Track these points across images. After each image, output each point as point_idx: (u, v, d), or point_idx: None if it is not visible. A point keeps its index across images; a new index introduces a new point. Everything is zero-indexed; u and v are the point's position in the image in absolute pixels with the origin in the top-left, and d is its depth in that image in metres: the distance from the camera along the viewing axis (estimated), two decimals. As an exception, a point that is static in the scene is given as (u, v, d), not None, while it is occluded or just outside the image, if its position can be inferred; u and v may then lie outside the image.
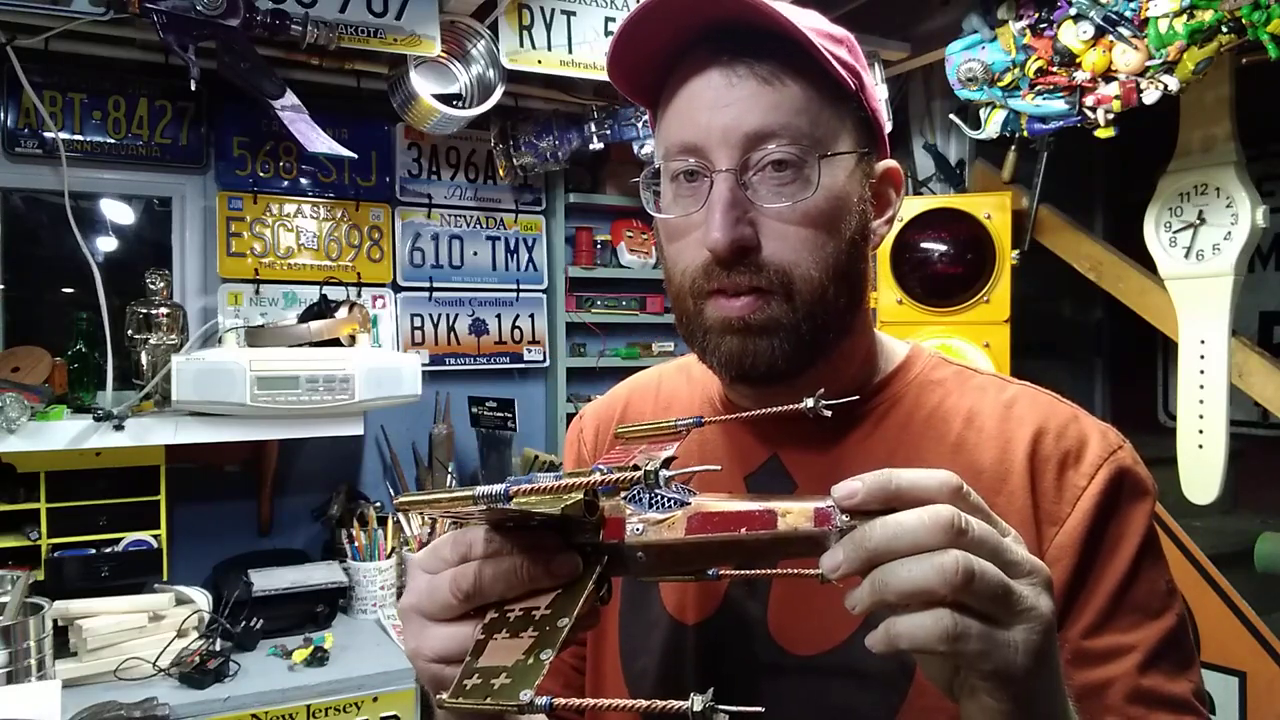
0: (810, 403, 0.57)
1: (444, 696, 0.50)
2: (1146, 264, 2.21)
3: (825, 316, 0.70)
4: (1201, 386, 2.05)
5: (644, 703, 0.44)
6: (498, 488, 0.52)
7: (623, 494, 0.56)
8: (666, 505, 0.54)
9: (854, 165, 0.72)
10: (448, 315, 2.75)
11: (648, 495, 0.54)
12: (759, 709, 0.43)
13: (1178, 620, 0.69)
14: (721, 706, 0.43)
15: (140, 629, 1.99)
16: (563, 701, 0.46)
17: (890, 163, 0.76)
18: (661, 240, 0.76)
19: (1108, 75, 1.94)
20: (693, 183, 0.70)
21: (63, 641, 1.93)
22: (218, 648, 2.03)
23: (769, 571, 0.52)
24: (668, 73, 0.73)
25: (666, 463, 0.53)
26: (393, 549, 2.44)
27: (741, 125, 0.67)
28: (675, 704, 0.43)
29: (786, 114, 0.68)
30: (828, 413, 0.57)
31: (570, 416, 2.12)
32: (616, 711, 0.64)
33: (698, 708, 0.43)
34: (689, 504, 0.53)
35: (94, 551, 2.10)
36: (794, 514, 0.50)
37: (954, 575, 0.46)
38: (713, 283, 0.69)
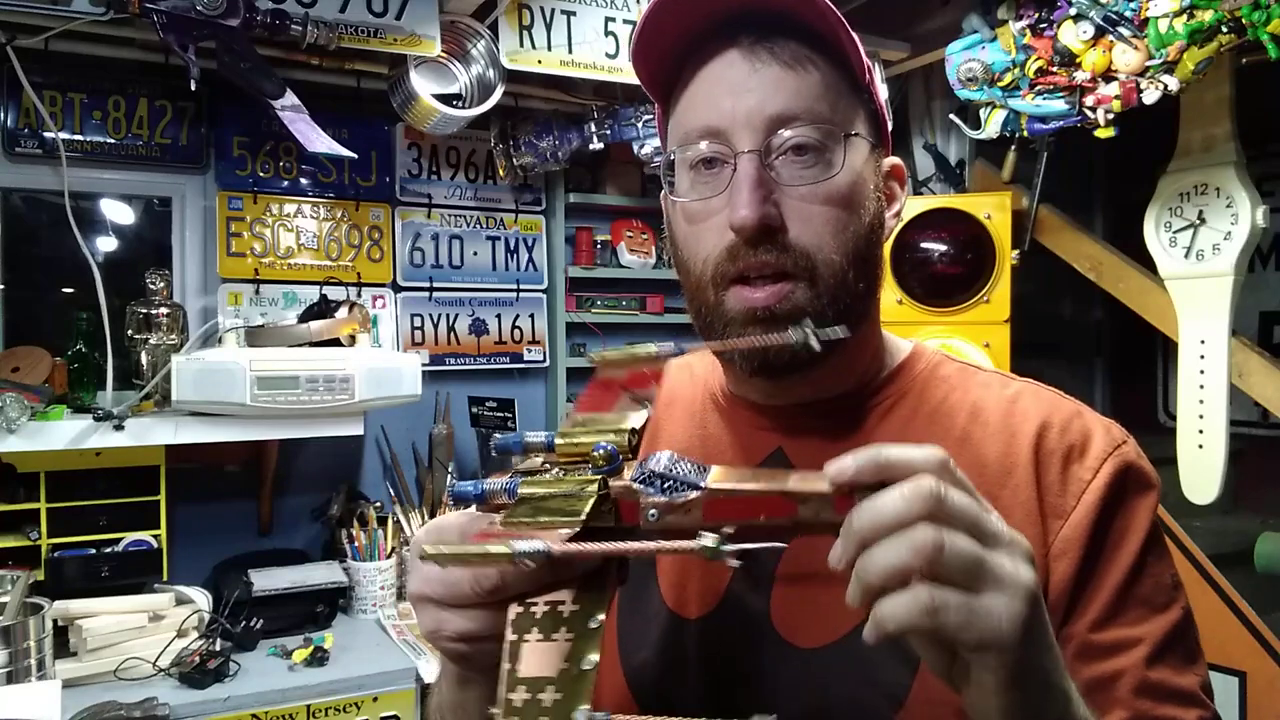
0: (795, 336, 0.57)
1: (497, 713, 0.49)
2: (1146, 264, 2.21)
3: (847, 300, 0.71)
4: (1201, 386, 2.05)
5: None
6: (537, 544, 0.50)
7: (631, 476, 0.55)
8: (679, 488, 0.53)
9: (869, 152, 0.73)
10: (448, 315, 2.75)
11: (659, 479, 0.53)
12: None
13: (1183, 614, 0.69)
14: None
15: (140, 629, 1.99)
16: (621, 718, 0.45)
17: (895, 159, 0.78)
18: (676, 231, 0.75)
19: (1108, 75, 1.94)
20: (712, 168, 0.71)
21: (63, 641, 1.93)
22: (218, 648, 2.03)
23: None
24: (683, 62, 0.73)
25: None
26: (393, 549, 2.44)
27: (765, 108, 0.68)
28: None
29: (809, 98, 0.69)
30: (816, 346, 0.57)
31: (570, 416, 2.12)
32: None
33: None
34: (702, 488, 0.52)
35: (94, 551, 2.10)
36: (814, 501, 0.50)
37: (924, 546, 0.46)
38: (738, 264, 0.69)
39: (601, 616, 0.50)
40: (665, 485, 0.53)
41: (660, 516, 0.53)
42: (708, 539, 0.46)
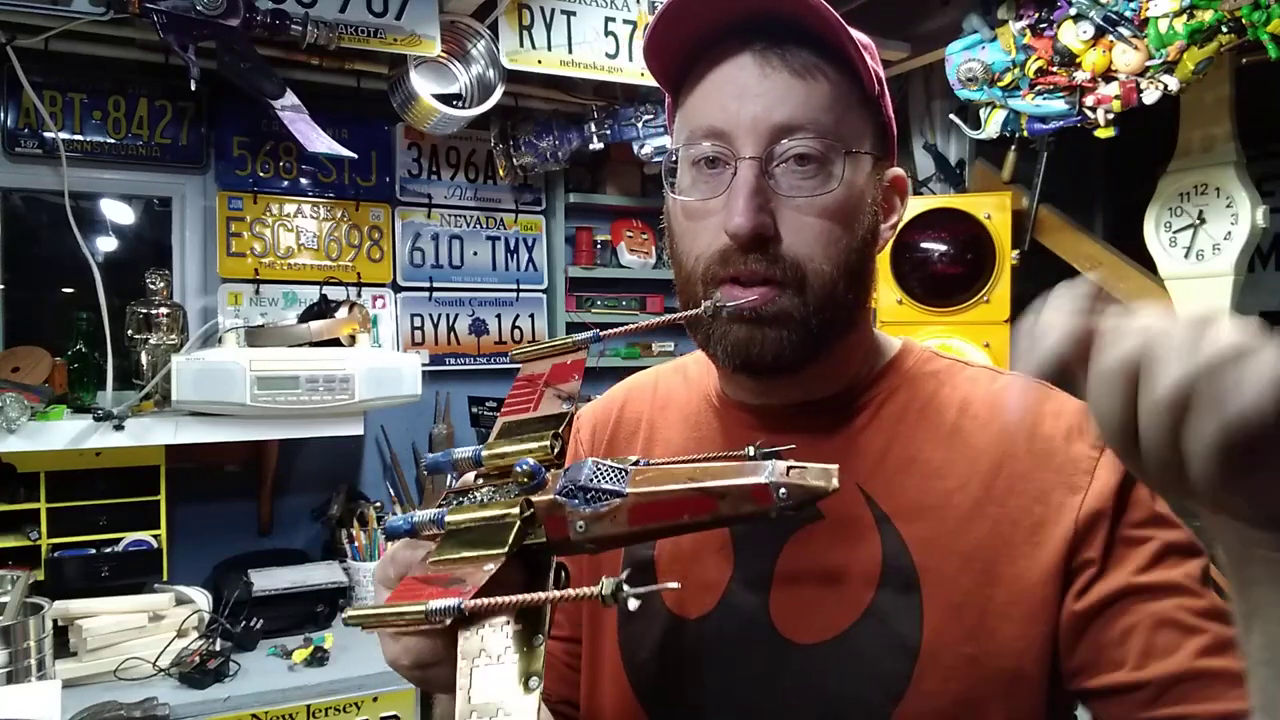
0: (704, 308, 0.63)
1: None
2: (1146, 264, 2.21)
3: (834, 311, 0.71)
4: (1202, 386, 2.04)
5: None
6: (450, 602, 0.50)
7: (555, 489, 0.55)
8: (602, 497, 0.54)
9: (871, 167, 0.73)
10: (448, 315, 2.75)
11: (581, 492, 0.54)
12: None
13: (1209, 561, 0.69)
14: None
15: (140, 629, 1.99)
16: None
17: (898, 170, 0.78)
18: (674, 225, 0.76)
19: (1108, 75, 1.94)
20: (714, 169, 0.71)
21: (63, 641, 1.93)
22: (218, 648, 2.03)
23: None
24: (695, 59, 0.73)
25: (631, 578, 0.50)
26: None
27: (771, 116, 0.68)
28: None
29: (816, 109, 0.69)
30: (725, 314, 0.61)
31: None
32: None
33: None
34: (624, 494, 0.53)
35: (94, 551, 2.10)
36: (733, 495, 0.51)
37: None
38: (728, 269, 0.70)
39: (542, 636, 0.51)
40: (589, 496, 0.53)
41: (588, 527, 0.54)
42: (606, 584, 0.47)
